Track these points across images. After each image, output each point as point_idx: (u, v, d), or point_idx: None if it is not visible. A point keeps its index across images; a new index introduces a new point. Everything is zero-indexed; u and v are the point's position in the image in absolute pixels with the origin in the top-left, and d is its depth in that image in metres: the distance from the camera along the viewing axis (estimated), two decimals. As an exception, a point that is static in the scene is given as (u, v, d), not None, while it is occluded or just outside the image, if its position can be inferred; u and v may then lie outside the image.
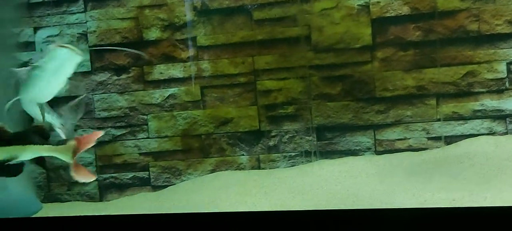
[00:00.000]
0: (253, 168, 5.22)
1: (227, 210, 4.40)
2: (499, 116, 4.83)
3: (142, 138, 5.35)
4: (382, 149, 5.01)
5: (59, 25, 5.42)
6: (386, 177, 4.53)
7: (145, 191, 5.39)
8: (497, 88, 4.82)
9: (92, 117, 5.42)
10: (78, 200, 5.46)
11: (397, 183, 4.41)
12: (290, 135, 5.13)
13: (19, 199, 5.11)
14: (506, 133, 4.81)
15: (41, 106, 3.58)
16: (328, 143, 5.10)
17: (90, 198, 5.45)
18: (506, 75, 4.79)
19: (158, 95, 5.33)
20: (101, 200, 5.44)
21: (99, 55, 5.40)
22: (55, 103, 3.76)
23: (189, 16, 5.23)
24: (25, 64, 3.62)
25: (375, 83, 5.00)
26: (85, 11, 5.37)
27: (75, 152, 3.22)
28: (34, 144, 3.10)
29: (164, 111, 5.32)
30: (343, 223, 2.19)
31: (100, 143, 5.45)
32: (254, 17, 5.14)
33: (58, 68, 3.36)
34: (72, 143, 3.29)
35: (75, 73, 3.51)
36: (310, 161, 5.09)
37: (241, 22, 5.16)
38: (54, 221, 2.61)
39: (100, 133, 3.39)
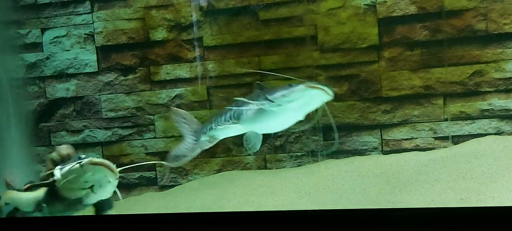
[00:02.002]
0: (259, 167, 5.22)
1: (234, 210, 4.40)
2: (507, 115, 4.81)
3: (148, 138, 5.36)
4: (389, 148, 5.00)
5: (66, 26, 5.44)
6: (393, 177, 4.52)
7: (152, 191, 5.40)
8: (505, 88, 4.79)
9: (99, 117, 5.44)
10: (85, 200, 5.47)
11: (404, 182, 4.40)
12: (296, 135, 5.12)
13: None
14: (514, 133, 4.79)
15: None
16: (334, 142, 5.08)
17: (97, 198, 5.46)
18: (513, 74, 4.77)
19: (164, 95, 5.34)
20: (108, 200, 5.44)
21: (106, 56, 5.41)
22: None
23: (195, 16, 5.24)
24: (240, 102, 3.54)
25: (382, 83, 4.99)
26: (92, 12, 5.39)
27: None
28: None
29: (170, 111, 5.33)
30: (349, 222, 2.18)
31: (107, 143, 5.47)
32: (260, 17, 5.14)
33: (303, 106, 3.34)
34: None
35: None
36: (317, 161, 5.08)
37: (247, 22, 5.16)
38: (60, 221, 2.61)
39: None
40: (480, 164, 4.42)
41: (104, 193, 3.22)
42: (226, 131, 3.64)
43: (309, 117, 3.51)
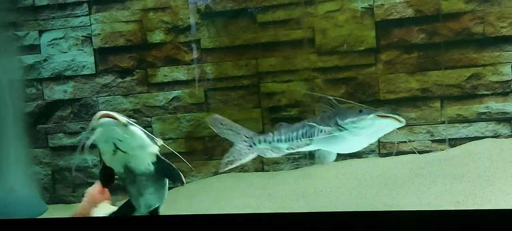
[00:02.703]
0: (256, 170, 5.22)
1: (231, 212, 4.40)
2: (504, 118, 4.82)
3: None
4: (386, 151, 5.01)
5: (64, 28, 5.44)
6: (390, 180, 4.53)
7: (149, 193, 5.39)
8: (502, 91, 4.81)
9: (96, 119, 5.43)
10: (83, 202, 5.47)
11: (401, 185, 4.40)
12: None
13: (25, 201, 5.13)
14: (511, 136, 4.79)
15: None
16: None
17: (95, 200, 5.46)
18: (511, 77, 4.78)
19: (162, 97, 5.34)
20: (105, 202, 5.44)
21: (103, 58, 5.41)
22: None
23: (193, 19, 5.24)
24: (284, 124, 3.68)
25: (379, 86, 5.00)
26: (89, 14, 5.39)
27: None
28: None
29: (168, 113, 5.33)
30: (347, 225, 2.18)
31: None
32: (258, 20, 5.15)
33: (374, 133, 3.37)
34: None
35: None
36: (314, 164, 5.08)
37: (244, 24, 5.17)
38: (59, 223, 2.61)
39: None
40: (477, 166, 4.42)
41: (133, 147, 3.04)
42: (297, 147, 3.66)
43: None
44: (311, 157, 5.13)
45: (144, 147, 3.03)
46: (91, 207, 3.66)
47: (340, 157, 5.06)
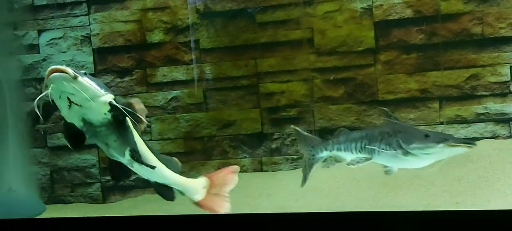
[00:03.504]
0: (255, 170, 5.22)
1: (230, 212, 4.39)
2: (503, 119, 4.82)
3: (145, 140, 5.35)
4: (385, 152, 5.00)
5: (63, 28, 5.44)
6: (389, 180, 4.52)
7: (148, 193, 5.39)
8: (501, 92, 4.81)
9: (95, 119, 5.43)
10: (82, 202, 5.46)
11: (400, 186, 4.40)
12: (293, 138, 5.13)
13: (23, 200, 5.12)
14: (509, 137, 4.80)
15: None
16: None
17: (94, 200, 5.46)
18: (510, 78, 4.78)
19: (161, 97, 5.33)
20: (104, 202, 5.44)
21: (103, 58, 5.41)
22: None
23: (192, 19, 5.24)
24: None
25: (378, 86, 5.00)
26: (88, 14, 5.39)
27: (206, 189, 3.29)
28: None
29: (167, 113, 5.33)
30: (345, 225, 2.18)
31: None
32: (257, 20, 5.15)
33: (430, 158, 3.35)
34: (203, 180, 3.35)
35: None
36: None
37: (244, 25, 5.17)
38: (57, 223, 2.61)
39: (236, 169, 3.44)
40: (476, 167, 4.43)
41: (83, 104, 2.97)
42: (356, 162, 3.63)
43: None
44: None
45: (96, 97, 2.98)
46: None
47: (339, 157, 5.07)
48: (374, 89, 5.00)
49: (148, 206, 5.03)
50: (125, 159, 3.18)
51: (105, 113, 3.04)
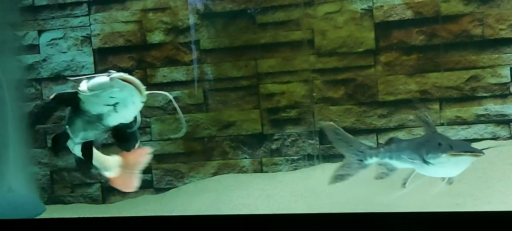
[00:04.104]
0: (255, 171, 5.22)
1: (229, 213, 4.40)
2: (503, 120, 4.82)
3: (145, 141, 5.35)
4: (385, 153, 5.00)
5: (63, 28, 5.44)
6: (388, 181, 4.52)
7: (147, 194, 5.40)
8: (501, 93, 4.81)
9: (95, 119, 5.43)
10: (81, 202, 5.46)
11: (399, 186, 4.40)
12: (293, 139, 5.13)
13: (23, 201, 5.12)
14: (510, 138, 4.80)
15: None
16: (330, 146, 5.09)
17: (93, 200, 5.46)
18: (510, 80, 4.78)
19: (161, 98, 5.33)
20: (104, 202, 5.44)
21: (103, 58, 5.41)
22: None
23: (192, 19, 5.24)
24: None
25: (378, 87, 5.00)
26: (89, 14, 5.39)
27: (119, 168, 3.31)
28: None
29: (167, 114, 5.33)
30: (345, 226, 2.18)
31: (103, 145, 5.45)
32: (257, 21, 5.15)
33: (456, 167, 3.41)
34: (117, 158, 3.37)
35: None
36: (313, 165, 5.09)
37: (244, 25, 5.17)
38: (57, 223, 2.61)
39: (148, 150, 3.46)
40: (476, 168, 4.42)
41: (126, 115, 3.05)
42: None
43: None
44: (309, 158, 5.13)
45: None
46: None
47: (339, 158, 5.06)
48: (374, 91, 5.00)
49: (147, 206, 5.03)
50: (77, 141, 3.21)
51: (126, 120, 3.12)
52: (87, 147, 3.25)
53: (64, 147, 3.31)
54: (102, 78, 2.95)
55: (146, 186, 5.41)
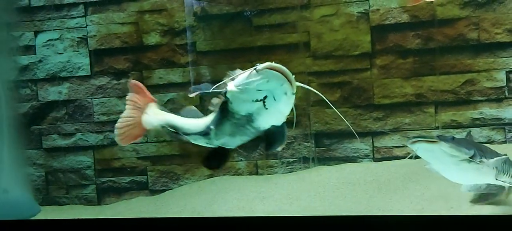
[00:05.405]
0: (251, 173, 5.22)
1: (224, 215, 4.40)
2: (498, 124, 4.84)
3: (140, 142, 5.35)
4: (380, 156, 5.01)
5: (60, 29, 5.43)
6: (384, 184, 4.53)
7: (143, 195, 5.39)
8: (496, 97, 4.82)
9: (91, 120, 5.42)
10: (76, 204, 5.46)
11: (394, 190, 4.41)
12: (288, 141, 5.13)
13: (18, 202, 5.11)
14: (505, 142, 4.81)
15: None
16: (326, 149, 5.10)
17: (88, 202, 5.45)
18: (505, 84, 4.80)
19: (157, 99, 5.32)
20: (99, 204, 5.43)
21: (99, 59, 5.40)
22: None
23: (188, 21, 5.24)
24: None
25: (374, 91, 5.01)
26: (85, 15, 5.38)
27: None
28: None
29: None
30: (340, 229, 2.19)
31: (99, 147, 5.45)
32: (254, 23, 5.15)
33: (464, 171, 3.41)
34: None
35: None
36: (308, 167, 5.09)
37: (240, 28, 5.17)
38: (52, 224, 2.61)
39: None
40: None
41: (278, 110, 2.77)
42: None
43: None
44: (305, 161, 5.14)
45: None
46: (139, 115, 3.37)
47: (334, 161, 5.07)
48: (370, 94, 5.01)
49: (142, 207, 5.03)
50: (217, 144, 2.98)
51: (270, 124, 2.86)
52: (222, 154, 3.00)
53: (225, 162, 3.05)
54: (247, 72, 2.72)
55: (142, 187, 5.41)
